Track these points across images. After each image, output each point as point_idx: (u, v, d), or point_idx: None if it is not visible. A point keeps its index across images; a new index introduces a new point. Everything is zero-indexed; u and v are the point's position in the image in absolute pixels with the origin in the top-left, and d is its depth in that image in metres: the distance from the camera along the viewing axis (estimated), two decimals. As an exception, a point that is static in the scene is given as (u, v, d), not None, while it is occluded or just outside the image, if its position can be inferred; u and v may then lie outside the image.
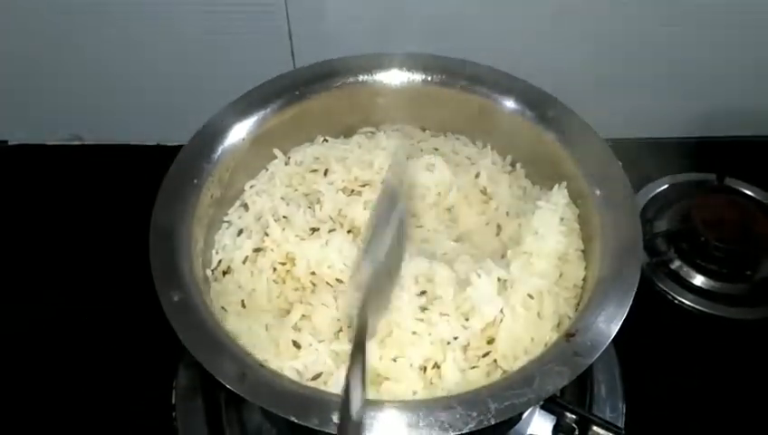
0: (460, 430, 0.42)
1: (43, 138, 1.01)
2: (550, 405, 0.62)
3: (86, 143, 1.01)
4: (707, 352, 0.72)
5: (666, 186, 0.85)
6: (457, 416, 0.42)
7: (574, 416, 0.62)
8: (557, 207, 0.55)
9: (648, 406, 0.68)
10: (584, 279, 0.54)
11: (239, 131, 0.60)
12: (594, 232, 0.55)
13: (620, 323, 0.47)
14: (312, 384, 0.48)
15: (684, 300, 0.75)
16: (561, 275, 0.54)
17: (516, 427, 0.66)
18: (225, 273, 0.57)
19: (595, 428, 0.59)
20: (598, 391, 0.67)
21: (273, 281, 0.56)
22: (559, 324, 0.52)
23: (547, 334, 0.51)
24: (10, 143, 1.01)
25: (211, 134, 0.58)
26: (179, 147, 0.59)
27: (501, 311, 0.51)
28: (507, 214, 0.59)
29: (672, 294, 0.75)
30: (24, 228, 0.87)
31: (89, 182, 0.93)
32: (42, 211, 0.89)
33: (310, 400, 0.43)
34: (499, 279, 0.53)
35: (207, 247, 0.57)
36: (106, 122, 0.99)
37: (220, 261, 0.57)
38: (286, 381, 0.45)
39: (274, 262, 0.57)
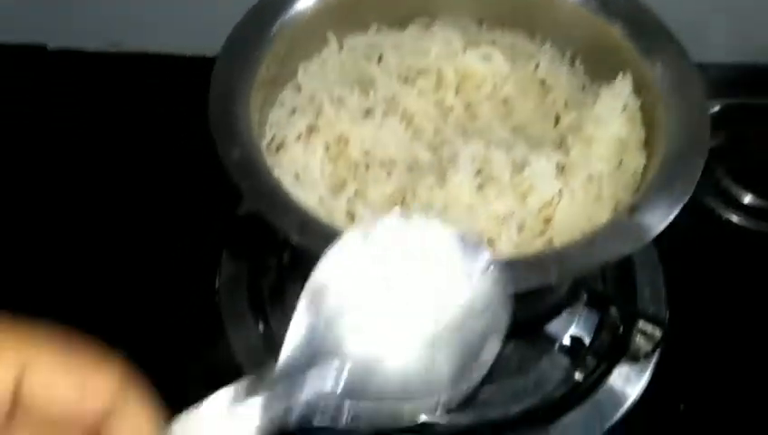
0: (518, 289, 0.41)
1: (83, 44, 1.00)
2: (595, 300, 0.63)
3: (124, 51, 1.01)
4: (753, 268, 0.72)
5: (718, 107, 0.83)
6: (517, 274, 0.42)
7: (618, 314, 0.62)
8: (620, 95, 0.54)
9: (690, 320, 0.67)
10: (644, 169, 0.53)
11: (297, 7, 0.59)
12: (658, 123, 0.53)
13: (685, 201, 0.46)
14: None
15: (732, 217, 0.74)
16: (620, 163, 0.53)
17: (559, 328, 0.66)
18: (278, 148, 0.56)
19: (642, 323, 0.59)
20: (641, 300, 0.66)
21: (327, 160, 0.56)
22: (616, 208, 0.51)
23: (605, 217, 0.50)
24: (49, 48, 1.01)
25: (269, 8, 0.58)
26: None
27: (559, 192, 0.51)
28: (566, 104, 0.58)
29: (720, 210, 0.74)
30: (58, 134, 0.87)
31: (125, 91, 0.92)
32: (76, 117, 0.88)
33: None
34: (558, 164, 0.52)
35: (261, 124, 0.57)
36: (146, 30, 0.98)
37: (273, 136, 0.57)
38: (347, 237, 0.45)
39: (327, 141, 0.56)
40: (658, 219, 0.45)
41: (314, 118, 0.57)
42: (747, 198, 0.75)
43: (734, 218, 0.74)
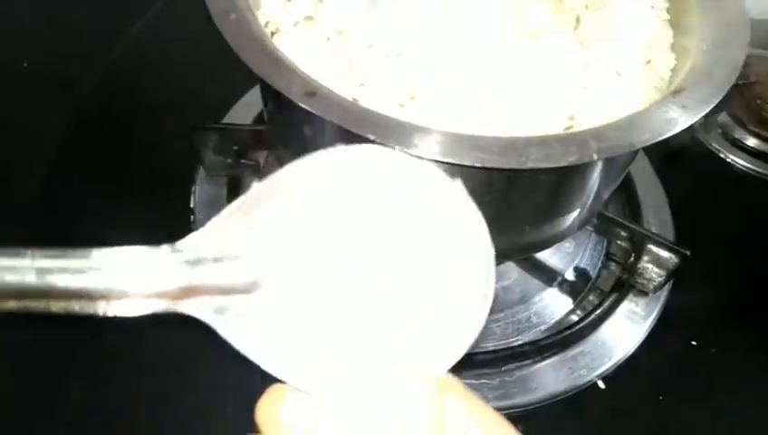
0: (557, 163, 0.37)
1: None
2: (605, 224, 0.58)
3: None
4: (757, 212, 0.69)
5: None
6: (554, 150, 0.37)
7: (630, 241, 0.58)
8: (648, -6, 0.50)
9: (696, 255, 0.64)
10: (673, 70, 0.49)
11: None
12: (689, 25, 0.49)
13: (728, 88, 0.42)
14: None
15: (736, 159, 0.71)
16: (648, 62, 0.49)
17: (564, 260, 0.62)
18: (273, 34, 0.50)
19: (654, 247, 0.55)
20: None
21: (329, 50, 0.50)
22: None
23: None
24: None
25: None
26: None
27: (584, 88, 0.46)
28: (587, 7, 0.54)
29: (725, 152, 0.72)
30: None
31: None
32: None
33: (388, 122, 0.38)
34: (582, 61, 0.48)
35: (254, 8, 0.51)
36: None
37: (268, 22, 0.51)
38: (359, 106, 0.40)
39: (327, 32, 0.51)
40: (702, 102, 0.41)
41: (312, 6, 0.51)
42: (751, 142, 0.73)
43: (740, 160, 0.71)
